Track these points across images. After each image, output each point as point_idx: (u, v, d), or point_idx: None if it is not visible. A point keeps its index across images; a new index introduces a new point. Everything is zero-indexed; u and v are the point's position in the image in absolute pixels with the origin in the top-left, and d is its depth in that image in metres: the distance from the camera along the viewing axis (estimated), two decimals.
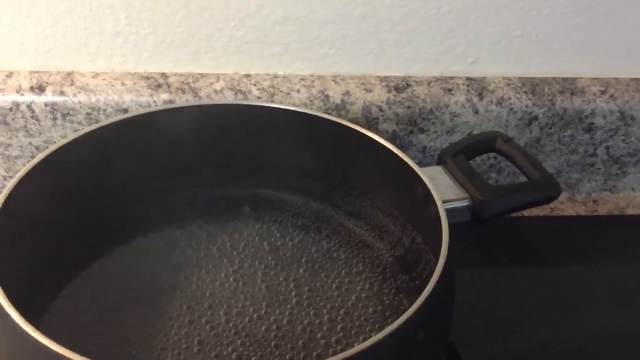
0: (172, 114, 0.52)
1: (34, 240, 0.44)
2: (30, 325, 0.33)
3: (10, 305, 0.34)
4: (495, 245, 0.57)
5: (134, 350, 0.42)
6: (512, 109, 0.58)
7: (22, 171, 0.43)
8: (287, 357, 0.43)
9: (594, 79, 0.61)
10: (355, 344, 0.43)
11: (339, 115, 0.56)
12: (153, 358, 0.42)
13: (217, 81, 0.56)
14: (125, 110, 0.54)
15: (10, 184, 0.42)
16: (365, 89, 0.57)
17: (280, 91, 0.56)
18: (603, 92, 0.60)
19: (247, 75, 0.57)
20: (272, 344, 0.43)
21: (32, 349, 0.33)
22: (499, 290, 0.53)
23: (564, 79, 0.61)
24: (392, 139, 0.58)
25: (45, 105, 0.53)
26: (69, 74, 0.55)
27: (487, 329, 0.49)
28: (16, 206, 0.41)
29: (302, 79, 0.57)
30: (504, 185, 0.61)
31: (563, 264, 0.56)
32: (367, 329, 0.45)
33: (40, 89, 0.54)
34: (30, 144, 0.55)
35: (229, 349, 0.43)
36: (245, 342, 0.43)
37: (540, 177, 0.47)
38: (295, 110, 0.52)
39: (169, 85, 0.55)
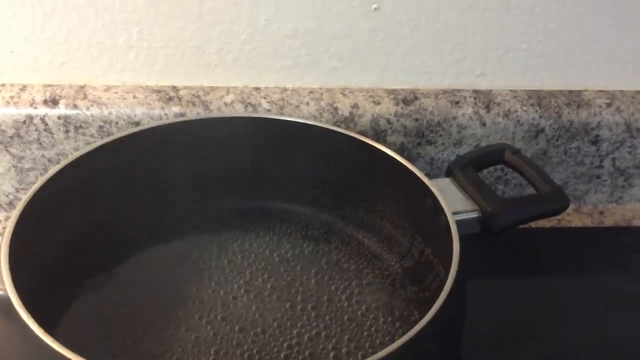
0: (183, 126, 0.52)
1: (49, 250, 0.45)
2: (46, 334, 0.34)
3: (29, 315, 0.35)
4: (502, 256, 0.57)
5: None
6: (519, 121, 0.59)
7: (37, 184, 0.43)
8: None
9: (599, 91, 0.61)
10: (366, 356, 0.44)
11: (348, 128, 0.57)
12: None
13: (228, 94, 0.57)
14: (137, 123, 0.55)
15: (25, 198, 0.42)
16: (374, 102, 0.58)
17: (290, 104, 0.57)
18: (609, 105, 0.60)
19: (257, 88, 0.58)
20: (282, 355, 0.44)
21: (48, 357, 0.33)
22: (506, 301, 0.53)
23: (570, 92, 0.61)
24: (400, 151, 0.59)
25: (59, 118, 0.54)
26: (82, 87, 0.56)
27: (495, 340, 0.49)
28: (31, 219, 0.42)
29: (311, 92, 0.58)
30: (514, 197, 0.62)
31: (570, 275, 0.57)
32: (378, 341, 0.45)
33: (53, 102, 0.54)
34: (43, 156, 0.56)
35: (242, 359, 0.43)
36: (257, 353, 0.44)
37: (549, 189, 0.48)
38: (304, 123, 0.53)
39: (180, 99, 0.56)
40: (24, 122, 0.54)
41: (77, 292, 0.47)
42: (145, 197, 0.51)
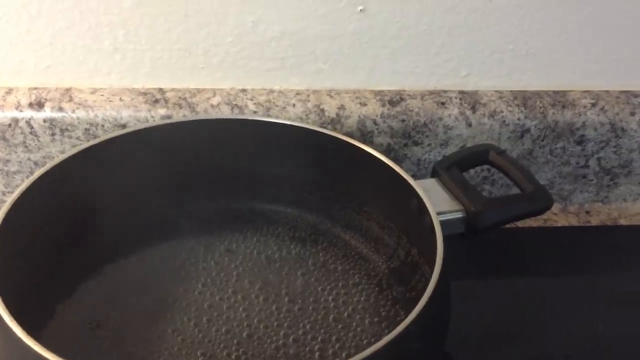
0: (170, 128, 0.52)
1: (34, 254, 0.45)
2: (31, 339, 0.34)
3: (12, 318, 0.34)
4: (489, 256, 0.58)
5: None
6: (504, 121, 0.59)
7: (23, 186, 0.43)
8: None
9: (584, 91, 0.62)
10: (352, 356, 0.44)
11: (334, 129, 0.57)
12: None
13: (214, 96, 0.57)
14: (124, 126, 0.55)
15: (10, 199, 0.42)
16: (360, 103, 0.58)
17: (276, 105, 0.57)
18: (594, 105, 0.61)
19: (244, 90, 0.58)
20: (269, 356, 0.44)
21: None
22: (492, 301, 0.53)
23: (555, 92, 0.61)
24: (387, 152, 0.59)
25: (44, 121, 0.54)
26: (68, 90, 0.56)
27: (481, 340, 0.49)
28: (16, 221, 0.42)
29: (297, 94, 0.58)
30: (498, 197, 0.62)
31: (556, 274, 0.57)
32: (364, 341, 0.45)
33: (39, 105, 0.54)
34: (29, 159, 0.56)
35: None
36: (243, 354, 0.44)
37: (533, 189, 0.48)
38: (291, 125, 0.53)
39: (166, 101, 0.56)
40: (10, 125, 0.54)
41: (63, 295, 0.47)
42: (131, 199, 0.51)
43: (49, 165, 0.46)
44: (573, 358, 0.49)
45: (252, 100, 0.57)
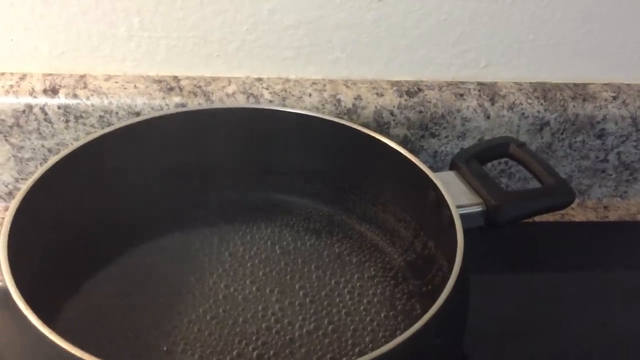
0: (184, 117, 0.52)
1: (47, 242, 0.44)
2: (44, 325, 0.33)
3: (26, 305, 0.34)
4: (505, 251, 0.57)
5: (147, 353, 0.42)
6: (523, 114, 0.58)
7: (36, 174, 0.43)
8: None
9: (605, 84, 0.61)
10: (366, 351, 0.43)
11: (351, 120, 0.56)
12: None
13: (229, 85, 0.56)
14: (138, 114, 0.54)
15: (24, 187, 0.42)
16: (377, 94, 0.57)
17: (292, 95, 0.56)
18: (615, 98, 0.60)
19: (259, 79, 0.57)
20: (287, 350, 0.43)
21: (47, 349, 0.33)
22: (509, 295, 0.53)
23: (575, 85, 0.60)
24: (404, 143, 0.58)
25: (58, 107, 0.53)
26: (82, 76, 0.55)
27: (498, 334, 0.49)
28: (30, 208, 0.41)
29: (313, 83, 0.57)
30: (518, 190, 0.61)
31: (574, 269, 0.56)
32: (380, 335, 0.45)
33: (53, 91, 0.54)
34: (43, 146, 0.55)
35: (245, 354, 0.43)
36: (261, 345, 0.43)
37: (554, 182, 0.47)
38: (306, 115, 0.52)
39: (181, 89, 0.55)
40: (24, 111, 0.53)
41: (77, 284, 0.46)
42: (145, 189, 0.51)
43: (62, 152, 0.45)
44: (590, 354, 0.49)
45: (267, 89, 0.56)
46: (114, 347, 0.43)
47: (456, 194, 0.45)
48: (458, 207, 0.43)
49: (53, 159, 0.45)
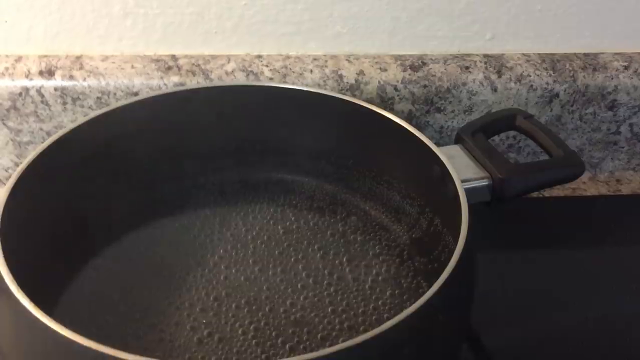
0: (183, 96, 0.51)
1: (44, 225, 0.44)
2: (43, 313, 0.32)
3: (23, 294, 0.33)
4: (515, 226, 0.56)
5: (151, 336, 0.42)
6: (532, 86, 0.57)
7: (31, 155, 0.42)
8: (305, 340, 0.42)
9: (616, 54, 0.59)
10: (374, 327, 0.42)
11: (354, 96, 0.55)
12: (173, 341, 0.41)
13: (228, 62, 0.55)
14: (136, 94, 0.53)
15: (19, 168, 0.41)
16: (380, 68, 0.56)
17: (293, 72, 0.55)
18: (626, 68, 0.58)
19: (259, 56, 0.56)
20: (290, 330, 0.43)
21: (45, 336, 0.32)
22: (518, 272, 0.52)
23: (585, 55, 0.59)
24: (408, 119, 0.57)
25: (55, 89, 0.53)
26: (78, 57, 0.54)
27: (506, 311, 0.48)
28: (25, 191, 0.41)
29: (315, 59, 0.56)
30: (525, 163, 0.60)
31: (585, 245, 0.55)
32: (385, 313, 0.44)
33: (49, 73, 0.53)
34: (41, 129, 0.54)
35: (247, 333, 0.42)
36: (264, 326, 0.43)
37: (563, 154, 0.46)
38: (308, 91, 0.51)
39: (179, 68, 0.54)
40: (20, 94, 0.52)
41: (76, 268, 0.46)
42: (144, 170, 0.50)
43: (58, 133, 0.44)
44: (599, 332, 0.48)
45: (267, 66, 0.55)
46: (115, 329, 0.42)
47: (461, 167, 0.44)
48: (463, 181, 0.42)
49: (48, 141, 0.44)
